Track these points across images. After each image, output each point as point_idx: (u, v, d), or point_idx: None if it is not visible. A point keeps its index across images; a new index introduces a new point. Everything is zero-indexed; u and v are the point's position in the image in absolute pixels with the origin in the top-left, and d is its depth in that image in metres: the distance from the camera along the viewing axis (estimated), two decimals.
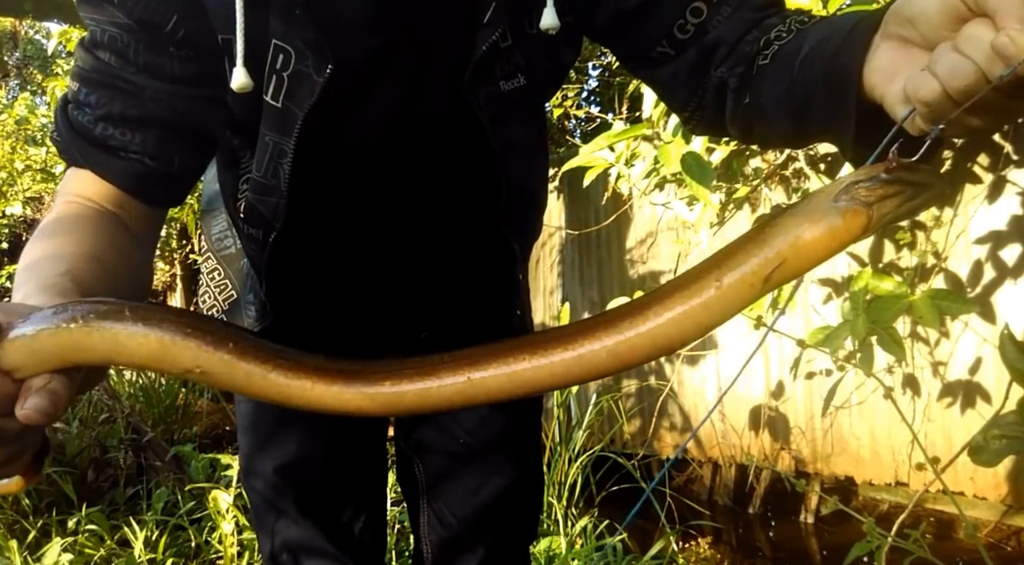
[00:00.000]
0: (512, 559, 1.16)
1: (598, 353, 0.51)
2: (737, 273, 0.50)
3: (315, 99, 0.75)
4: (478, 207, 0.93)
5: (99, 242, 0.67)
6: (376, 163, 0.87)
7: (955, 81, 0.46)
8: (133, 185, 0.75)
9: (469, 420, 1.10)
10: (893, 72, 0.53)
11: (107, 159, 0.74)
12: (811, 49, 0.66)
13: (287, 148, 0.78)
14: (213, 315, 1.04)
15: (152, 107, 0.74)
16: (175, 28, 0.73)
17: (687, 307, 0.50)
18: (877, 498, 3.27)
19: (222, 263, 1.05)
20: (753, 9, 0.77)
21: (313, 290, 0.99)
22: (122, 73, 0.73)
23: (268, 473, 1.08)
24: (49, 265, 0.62)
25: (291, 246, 0.87)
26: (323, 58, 0.74)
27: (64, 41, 5.86)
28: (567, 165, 2.60)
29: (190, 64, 0.75)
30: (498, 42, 0.78)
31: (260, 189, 0.83)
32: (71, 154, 0.75)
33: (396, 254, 0.98)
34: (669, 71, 0.82)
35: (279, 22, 0.74)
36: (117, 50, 0.73)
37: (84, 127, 0.74)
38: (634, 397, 4.09)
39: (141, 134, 0.74)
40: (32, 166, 7.03)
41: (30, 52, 13.40)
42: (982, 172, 2.77)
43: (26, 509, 2.98)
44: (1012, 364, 1.15)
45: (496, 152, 0.85)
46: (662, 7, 0.79)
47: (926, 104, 0.49)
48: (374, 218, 0.93)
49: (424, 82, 0.82)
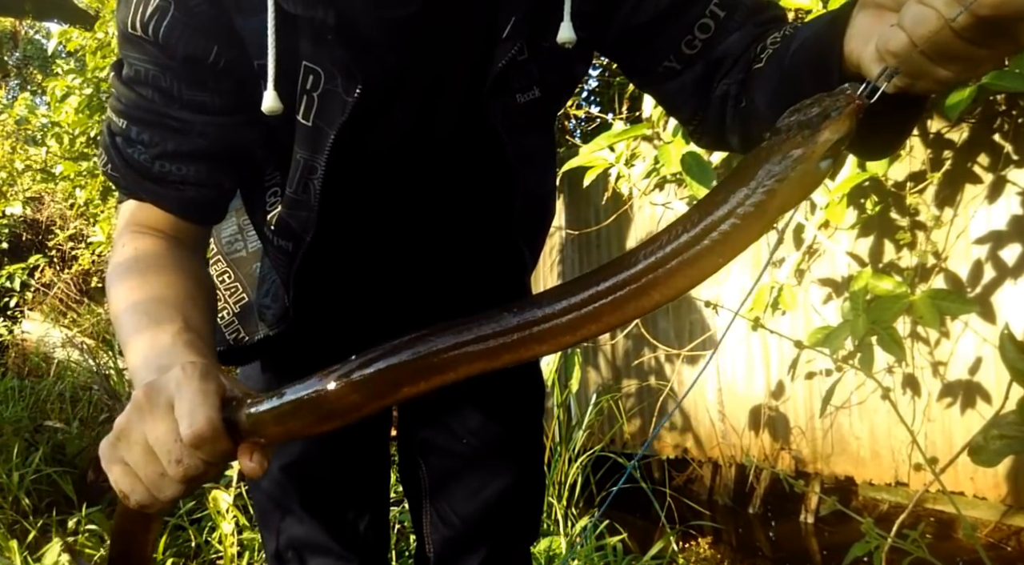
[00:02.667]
0: (514, 558, 1.16)
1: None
2: (734, 243, 0.50)
3: (346, 117, 0.77)
4: (493, 215, 0.94)
5: (185, 279, 0.78)
6: (396, 174, 0.89)
7: (919, 28, 0.50)
8: (192, 213, 0.84)
9: (472, 420, 1.11)
10: (868, 35, 0.56)
11: (167, 193, 0.81)
12: (799, 44, 0.69)
13: (318, 165, 0.80)
14: (223, 318, 1.05)
15: (201, 141, 0.79)
16: (216, 59, 0.76)
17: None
18: (877, 498, 3.27)
19: (232, 266, 1.06)
20: (758, 24, 0.79)
21: (334, 296, 1.01)
22: (169, 110, 0.78)
23: (273, 472, 1.09)
24: (166, 318, 0.72)
25: (317, 256, 0.89)
26: (352, 78, 0.76)
27: (64, 41, 5.86)
28: (567, 165, 2.60)
29: (229, 95, 0.79)
30: (516, 56, 0.79)
31: (292, 204, 0.85)
32: (132, 190, 0.82)
33: (414, 260, 0.99)
34: (675, 85, 0.83)
35: (309, 44, 0.76)
36: (160, 88, 0.77)
37: (142, 165, 0.80)
38: (634, 397, 4.09)
39: (195, 166, 0.81)
40: (32, 166, 7.04)
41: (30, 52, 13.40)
42: (982, 172, 2.77)
43: (26, 509, 2.99)
44: (1012, 364, 1.15)
45: (511, 162, 0.87)
46: (672, 23, 0.80)
47: (895, 55, 0.52)
48: (394, 227, 0.95)
49: (441, 94, 0.84)
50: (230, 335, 1.05)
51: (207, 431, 0.58)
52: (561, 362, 3.40)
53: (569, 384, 3.47)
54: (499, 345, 0.56)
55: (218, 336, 1.06)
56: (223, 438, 0.60)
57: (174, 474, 0.59)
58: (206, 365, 0.62)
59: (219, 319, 1.05)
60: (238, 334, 1.04)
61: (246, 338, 1.03)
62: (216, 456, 0.60)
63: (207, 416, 0.58)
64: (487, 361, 0.57)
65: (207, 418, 0.58)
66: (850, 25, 0.59)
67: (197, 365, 0.61)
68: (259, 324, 1.02)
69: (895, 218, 2.89)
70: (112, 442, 0.61)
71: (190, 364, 0.61)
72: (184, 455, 0.59)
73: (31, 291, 7.18)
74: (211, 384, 0.60)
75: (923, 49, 0.50)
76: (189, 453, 0.59)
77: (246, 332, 1.03)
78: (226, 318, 1.05)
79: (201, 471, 0.60)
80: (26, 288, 7.00)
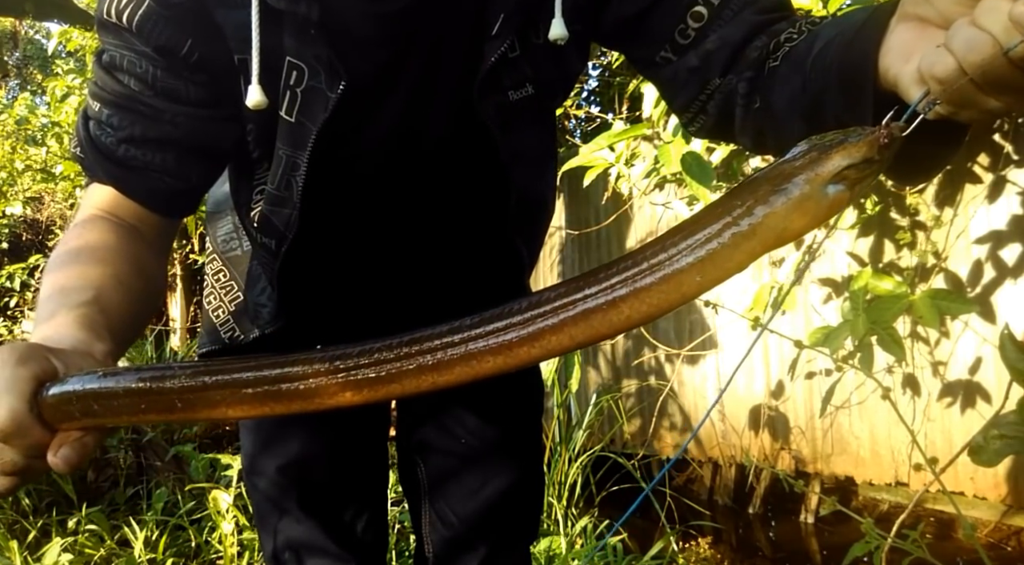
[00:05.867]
0: (514, 558, 1.16)
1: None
2: (718, 263, 0.46)
3: (328, 114, 0.77)
4: (487, 215, 0.93)
5: (121, 264, 0.74)
6: (385, 173, 0.88)
7: (972, 55, 0.44)
8: (154, 202, 0.81)
9: (471, 420, 1.10)
10: (908, 52, 0.51)
11: (129, 178, 0.80)
12: (824, 45, 0.64)
13: (301, 161, 0.80)
14: (219, 316, 1.04)
15: (170, 130, 0.78)
16: (189, 52, 0.76)
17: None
18: (877, 498, 3.27)
19: (228, 265, 1.05)
20: (757, 12, 0.76)
21: (324, 295, 1.00)
22: (142, 97, 0.77)
23: (271, 472, 1.09)
24: (77, 293, 0.68)
25: (303, 254, 0.89)
26: (335, 75, 0.75)
27: (64, 41, 5.86)
28: (567, 165, 2.60)
29: (204, 87, 0.78)
30: (506, 53, 0.79)
31: (274, 201, 0.85)
32: (94, 171, 0.81)
33: (406, 261, 0.98)
34: (669, 73, 0.82)
35: (292, 40, 0.75)
36: (136, 75, 0.77)
37: (107, 148, 0.79)
38: (634, 397, 4.09)
39: (161, 155, 0.79)
40: (32, 166, 7.03)
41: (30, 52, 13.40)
42: (982, 172, 2.76)
43: (26, 509, 2.99)
44: (1012, 364, 1.15)
45: (504, 161, 0.86)
46: (663, 12, 0.79)
47: (940, 82, 0.46)
48: (384, 226, 0.94)
49: (430, 92, 0.83)
50: (225, 334, 1.04)
51: (9, 423, 0.54)
52: (561, 362, 3.40)
53: (569, 384, 3.47)
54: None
55: (214, 335, 1.06)
56: (33, 429, 0.55)
57: None
58: (30, 347, 0.57)
59: (215, 318, 1.05)
60: (233, 333, 1.04)
61: (241, 337, 1.03)
62: (31, 450, 0.55)
63: (8, 407, 0.54)
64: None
65: (8, 409, 0.54)
66: (887, 36, 0.53)
67: (17, 347, 0.57)
68: (255, 322, 1.02)
69: (895, 218, 2.89)
70: None
71: (10, 346, 0.57)
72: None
73: (31, 291, 7.18)
74: (27, 368, 0.55)
75: (974, 77, 0.45)
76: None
77: (241, 331, 1.03)
78: (221, 317, 1.04)
79: (20, 466, 0.56)
80: (26, 288, 7.00)
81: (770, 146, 0.78)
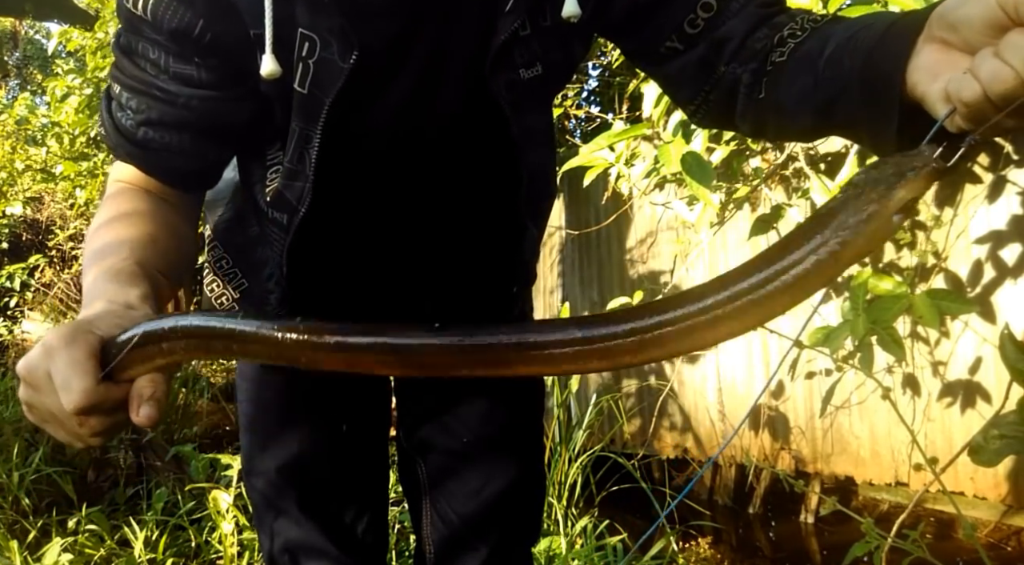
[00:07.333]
0: (514, 559, 1.16)
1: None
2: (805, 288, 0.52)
3: (341, 85, 0.77)
4: (497, 193, 0.94)
5: (152, 225, 0.81)
6: (396, 148, 0.89)
7: (996, 85, 0.50)
8: (173, 179, 0.87)
9: (471, 419, 1.10)
10: (936, 72, 0.56)
11: (149, 157, 0.85)
12: (836, 47, 0.68)
13: (313, 133, 0.81)
14: (223, 304, 1.04)
15: (185, 113, 0.82)
16: (202, 33, 0.77)
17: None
18: (877, 498, 3.27)
19: (229, 252, 1.05)
20: (760, 5, 0.79)
21: (333, 276, 1.01)
22: (157, 81, 0.81)
23: (270, 473, 1.08)
24: (114, 251, 0.75)
25: (314, 230, 0.89)
26: (348, 45, 0.76)
27: (64, 41, 5.86)
28: (567, 165, 2.60)
29: (216, 70, 0.80)
30: (518, 30, 0.80)
31: (288, 175, 0.86)
32: (116, 151, 0.86)
33: (415, 240, 0.99)
34: (677, 66, 0.84)
35: (305, 11, 0.76)
36: (150, 59, 0.80)
37: (127, 129, 0.84)
38: (634, 397, 4.09)
39: (178, 136, 0.83)
40: (32, 166, 7.03)
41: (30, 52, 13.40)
42: (982, 172, 2.77)
43: (26, 509, 2.98)
44: (1012, 364, 1.15)
45: (516, 139, 0.87)
46: (675, 1, 0.81)
47: (967, 105, 0.52)
48: (395, 204, 0.95)
49: (441, 67, 0.84)
50: None
51: (84, 402, 0.59)
52: None
53: (569, 384, 3.47)
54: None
55: None
56: (110, 395, 0.61)
57: (83, 438, 0.63)
58: (74, 328, 0.63)
59: (218, 306, 1.05)
60: None
61: None
62: (112, 413, 0.62)
63: (81, 387, 0.59)
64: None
65: (82, 390, 0.59)
66: (915, 54, 0.58)
67: (60, 332, 0.62)
68: (261, 309, 1.01)
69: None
70: (27, 409, 0.64)
71: (53, 333, 0.62)
72: (80, 424, 0.61)
73: (31, 291, 7.18)
74: (79, 349, 0.61)
75: (997, 103, 0.51)
76: (81, 421, 0.61)
77: None
78: (226, 304, 1.04)
79: (108, 425, 0.63)
80: (26, 288, 7.00)
81: (769, 135, 0.83)
